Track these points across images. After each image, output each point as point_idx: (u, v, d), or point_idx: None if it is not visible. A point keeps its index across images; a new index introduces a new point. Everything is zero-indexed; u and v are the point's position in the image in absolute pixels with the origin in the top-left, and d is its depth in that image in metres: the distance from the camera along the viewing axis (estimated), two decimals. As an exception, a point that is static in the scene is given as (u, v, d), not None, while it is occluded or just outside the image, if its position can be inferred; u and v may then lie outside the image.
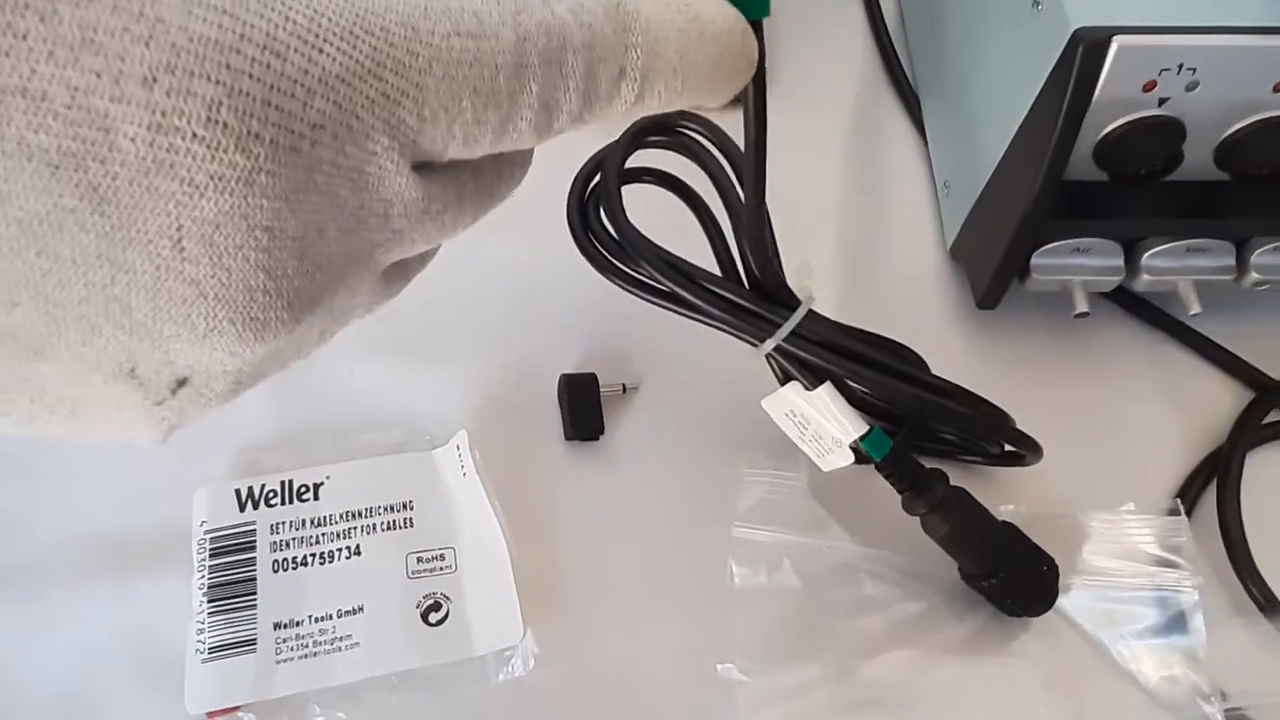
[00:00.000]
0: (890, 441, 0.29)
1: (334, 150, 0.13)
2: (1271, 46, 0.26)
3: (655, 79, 0.17)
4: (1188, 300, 0.32)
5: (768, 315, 0.28)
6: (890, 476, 0.29)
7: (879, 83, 0.43)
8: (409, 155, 0.15)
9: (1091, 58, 0.26)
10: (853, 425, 0.28)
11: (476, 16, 0.14)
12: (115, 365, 0.14)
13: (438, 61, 0.14)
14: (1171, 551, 0.30)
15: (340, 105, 0.13)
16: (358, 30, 0.13)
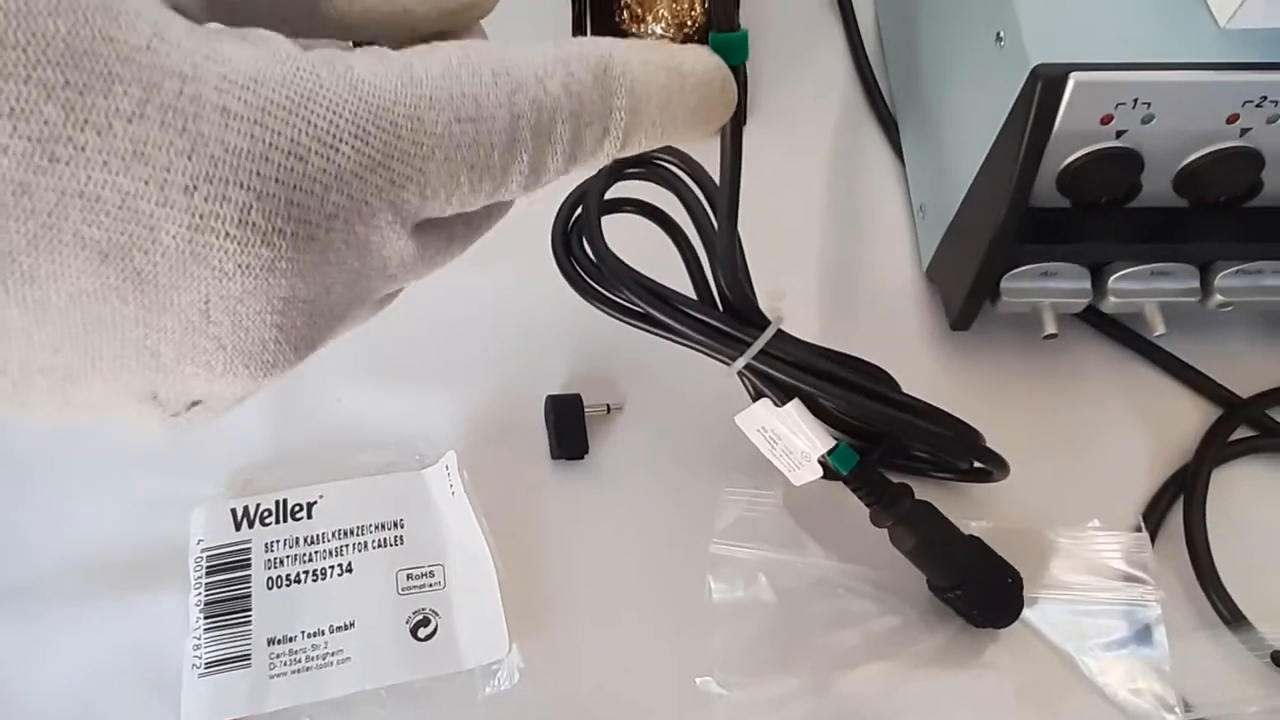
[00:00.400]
0: (856, 456, 0.30)
1: (345, 232, 0.15)
2: (1223, 81, 0.27)
3: (636, 133, 0.18)
4: (1153, 322, 0.33)
5: (739, 335, 0.29)
6: (858, 490, 0.30)
7: (859, 107, 0.44)
8: (409, 224, 0.16)
9: (1050, 93, 0.27)
10: (820, 440, 0.29)
11: (475, 101, 0.16)
12: (140, 392, 0.16)
13: (440, 148, 0.15)
14: (1135, 567, 0.31)
15: (352, 196, 0.15)
16: (370, 127, 0.15)
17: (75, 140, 0.12)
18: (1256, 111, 0.28)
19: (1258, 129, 0.28)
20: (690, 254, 0.31)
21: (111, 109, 0.12)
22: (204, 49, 0.13)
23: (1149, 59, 0.27)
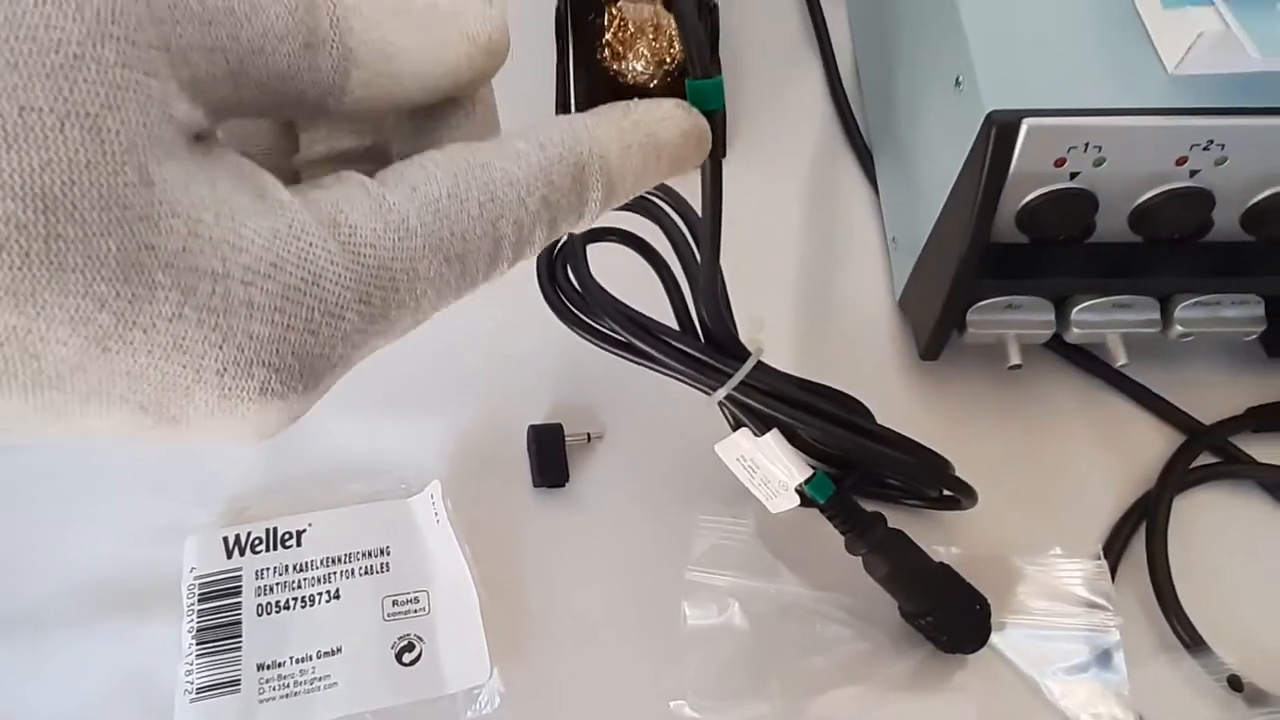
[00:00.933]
0: (832, 485, 0.31)
1: (346, 367, 0.17)
2: (1171, 126, 0.28)
3: (610, 204, 0.20)
4: (1115, 352, 0.34)
5: (719, 366, 0.30)
6: (833, 519, 0.31)
7: (836, 138, 0.45)
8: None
9: (1004, 137, 0.28)
10: (797, 469, 0.30)
11: (463, 238, 0.17)
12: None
13: (432, 288, 0.17)
14: (1096, 594, 0.32)
15: (356, 345, 0.17)
16: (372, 289, 0.16)
17: (124, 338, 0.14)
18: (1204, 154, 0.29)
19: (1206, 170, 0.29)
20: (672, 284, 0.32)
21: (155, 312, 0.14)
22: (230, 236, 0.15)
23: (1099, 104, 0.28)
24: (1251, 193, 0.30)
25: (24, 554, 0.36)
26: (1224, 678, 0.31)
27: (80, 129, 0.13)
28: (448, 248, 0.17)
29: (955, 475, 0.32)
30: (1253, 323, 0.34)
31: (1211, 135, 0.28)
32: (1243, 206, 0.31)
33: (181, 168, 0.15)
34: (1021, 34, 0.30)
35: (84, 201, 0.13)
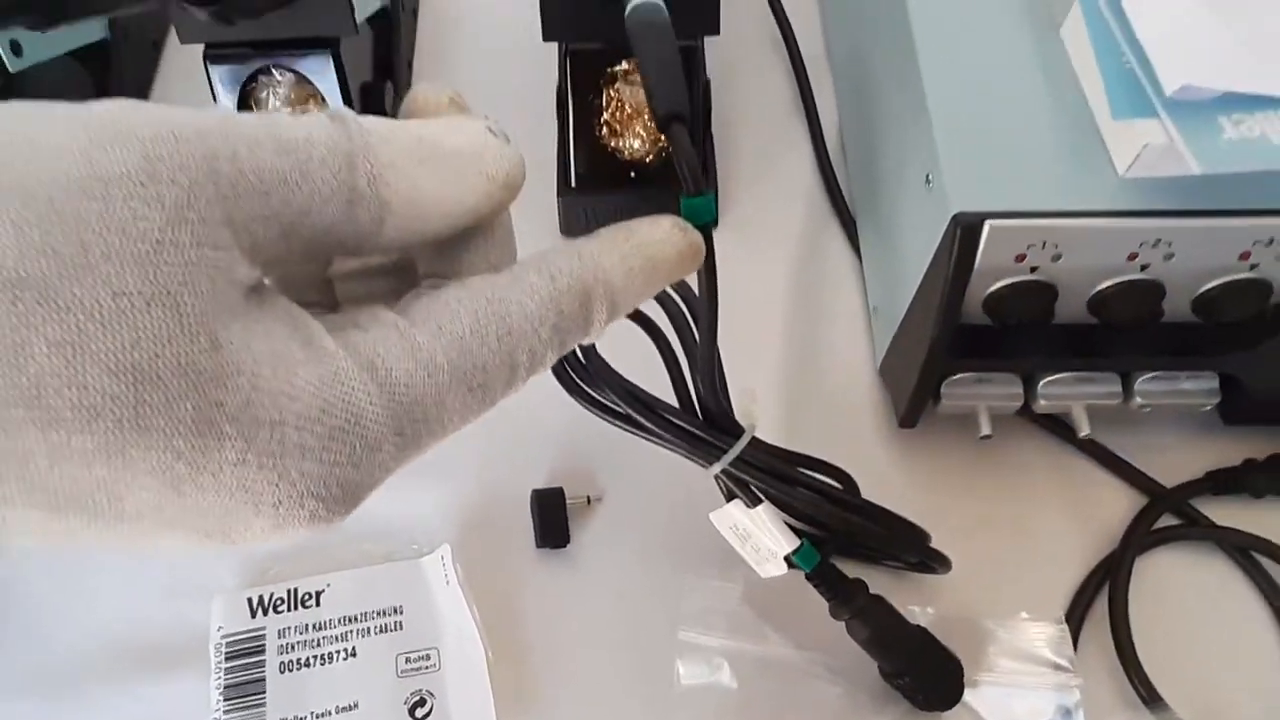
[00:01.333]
0: (818, 555, 0.33)
1: (381, 483, 0.19)
2: (1120, 227, 0.31)
3: (614, 319, 0.22)
4: (1079, 423, 0.37)
5: (715, 442, 0.32)
6: (818, 586, 0.33)
7: (823, 208, 0.48)
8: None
9: (969, 236, 0.31)
10: (786, 540, 0.32)
11: (484, 370, 0.19)
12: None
13: (457, 414, 0.19)
14: (1059, 656, 0.34)
15: (389, 469, 0.19)
16: (406, 424, 0.18)
17: (196, 482, 0.16)
18: (1153, 250, 0.31)
19: (1156, 264, 0.32)
20: (672, 359, 0.33)
21: (222, 459, 0.16)
22: (285, 387, 0.17)
23: (1056, 206, 0.31)
24: (1199, 283, 0.33)
25: (59, 612, 0.39)
26: (1179, 732, 0.33)
27: (163, 308, 0.15)
28: (471, 379, 0.19)
29: (931, 547, 0.35)
30: (1207, 395, 0.37)
31: (1159, 235, 0.31)
32: (1191, 295, 0.33)
33: (243, 326, 0.17)
34: (987, 137, 0.33)
35: (166, 371, 0.15)
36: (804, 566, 0.33)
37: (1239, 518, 0.38)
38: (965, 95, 0.34)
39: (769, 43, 0.53)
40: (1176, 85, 0.29)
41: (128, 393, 0.15)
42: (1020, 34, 0.35)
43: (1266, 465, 0.39)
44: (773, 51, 0.53)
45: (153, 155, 0.15)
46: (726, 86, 0.51)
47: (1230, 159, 0.29)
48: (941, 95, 0.34)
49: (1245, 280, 0.32)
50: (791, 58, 0.52)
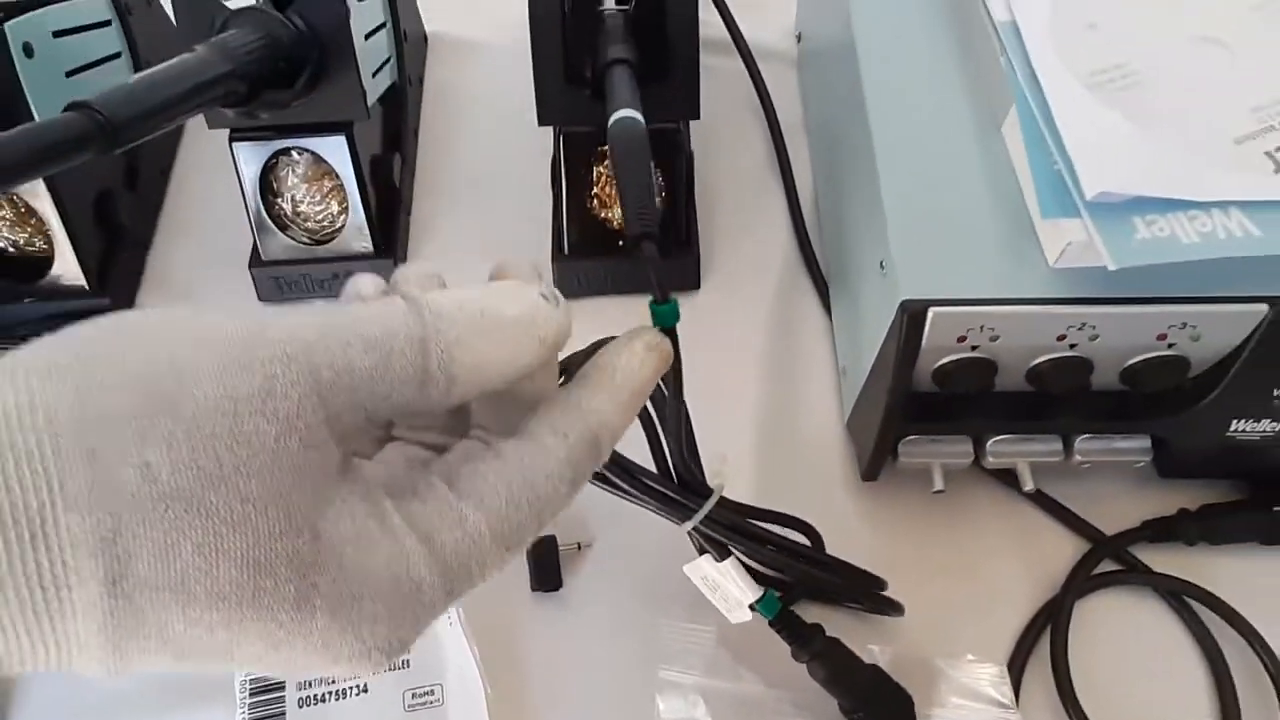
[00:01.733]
0: (779, 605, 0.37)
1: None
2: (1049, 313, 0.34)
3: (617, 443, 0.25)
4: (1024, 479, 0.40)
5: (686, 503, 0.35)
6: (779, 631, 0.37)
7: (798, 270, 0.52)
8: None
9: (915, 321, 0.35)
10: (750, 590, 0.36)
11: (518, 530, 0.22)
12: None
13: (495, 568, 0.22)
14: (1000, 695, 0.38)
15: (438, 618, 0.22)
16: (455, 584, 0.21)
17: (290, 643, 0.19)
18: (1080, 332, 0.35)
19: (1082, 344, 0.35)
20: (650, 428, 0.37)
21: (312, 626, 0.19)
22: (364, 563, 0.20)
23: (994, 294, 0.34)
24: (1123, 359, 0.36)
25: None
26: (1109, 764, 0.37)
27: (277, 509, 0.18)
28: (507, 540, 0.22)
29: (886, 596, 0.39)
30: (1141, 453, 0.40)
31: (1084, 320, 0.34)
32: (1118, 369, 0.37)
33: (335, 511, 0.20)
34: (935, 230, 0.36)
35: (278, 562, 0.18)
36: (766, 614, 0.37)
37: (1173, 564, 0.42)
38: (916, 190, 0.38)
39: (749, 111, 0.58)
40: (1095, 190, 0.33)
41: (248, 581, 0.18)
42: (967, 132, 0.39)
43: (1198, 515, 0.42)
44: (753, 119, 0.57)
45: (270, 375, 0.19)
46: (709, 153, 0.55)
47: (1141, 255, 0.32)
48: (894, 190, 0.38)
49: (1164, 357, 0.36)
50: (770, 126, 0.56)
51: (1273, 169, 0.35)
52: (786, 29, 0.61)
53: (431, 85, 0.61)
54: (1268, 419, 0.38)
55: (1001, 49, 0.39)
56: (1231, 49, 0.39)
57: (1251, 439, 0.39)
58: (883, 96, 0.41)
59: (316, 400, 0.19)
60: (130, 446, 0.17)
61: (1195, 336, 0.35)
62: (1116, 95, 0.37)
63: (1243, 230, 0.33)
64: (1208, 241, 0.33)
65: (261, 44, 0.39)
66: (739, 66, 0.58)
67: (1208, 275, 0.34)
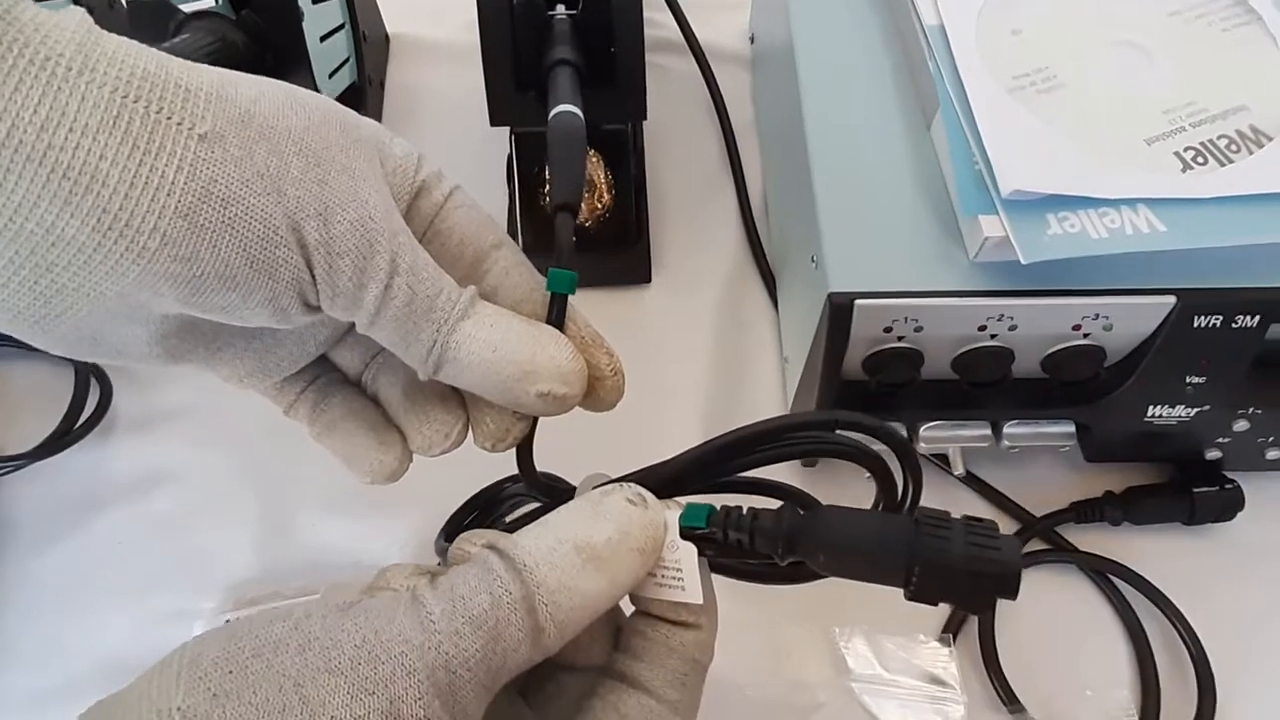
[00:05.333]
0: (707, 506, 0.26)
1: None
2: (969, 305, 0.36)
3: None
4: (954, 464, 0.42)
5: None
6: (737, 540, 0.25)
7: (747, 264, 0.53)
8: None
9: (842, 313, 0.36)
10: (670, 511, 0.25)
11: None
12: None
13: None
14: (948, 676, 0.40)
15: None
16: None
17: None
18: (999, 323, 0.37)
19: (1002, 334, 0.37)
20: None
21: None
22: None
23: (916, 287, 0.36)
24: (1042, 349, 0.38)
25: (61, 638, 0.43)
26: (1031, 732, 0.39)
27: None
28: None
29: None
30: (1066, 438, 0.42)
31: (1002, 311, 0.36)
32: (1038, 358, 0.39)
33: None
34: (863, 225, 0.38)
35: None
36: (698, 523, 0.25)
37: (1098, 544, 0.44)
38: (846, 188, 0.39)
39: (703, 112, 0.59)
40: (1011, 188, 0.35)
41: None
42: (898, 132, 0.41)
43: (1122, 497, 0.45)
44: (706, 119, 0.59)
45: (394, 697, 0.20)
46: (663, 153, 0.57)
47: (1052, 249, 0.34)
48: (826, 188, 0.39)
49: (1080, 347, 0.38)
50: (722, 125, 0.58)
51: (1180, 168, 0.37)
52: (740, 31, 0.63)
53: (393, 86, 0.62)
54: (1181, 405, 0.40)
55: (930, 53, 0.41)
56: (1149, 53, 0.41)
57: (1169, 424, 0.41)
58: (818, 97, 0.43)
59: (439, 707, 0.20)
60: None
61: (1108, 327, 0.37)
62: (1036, 98, 0.39)
63: (1149, 226, 0.35)
64: (1116, 237, 0.35)
65: (215, 47, 0.40)
66: (694, 68, 0.59)
67: (1120, 269, 0.36)
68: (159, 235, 0.20)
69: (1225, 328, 0.36)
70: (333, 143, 0.23)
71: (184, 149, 0.20)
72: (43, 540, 0.46)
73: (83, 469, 0.47)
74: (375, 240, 0.23)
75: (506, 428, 0.28)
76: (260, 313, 0.23)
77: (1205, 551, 0.44)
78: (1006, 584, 0.23)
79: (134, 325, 0.23)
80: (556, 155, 0.33)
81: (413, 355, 0.25)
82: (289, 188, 0.22)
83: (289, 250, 0.22)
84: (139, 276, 0.21)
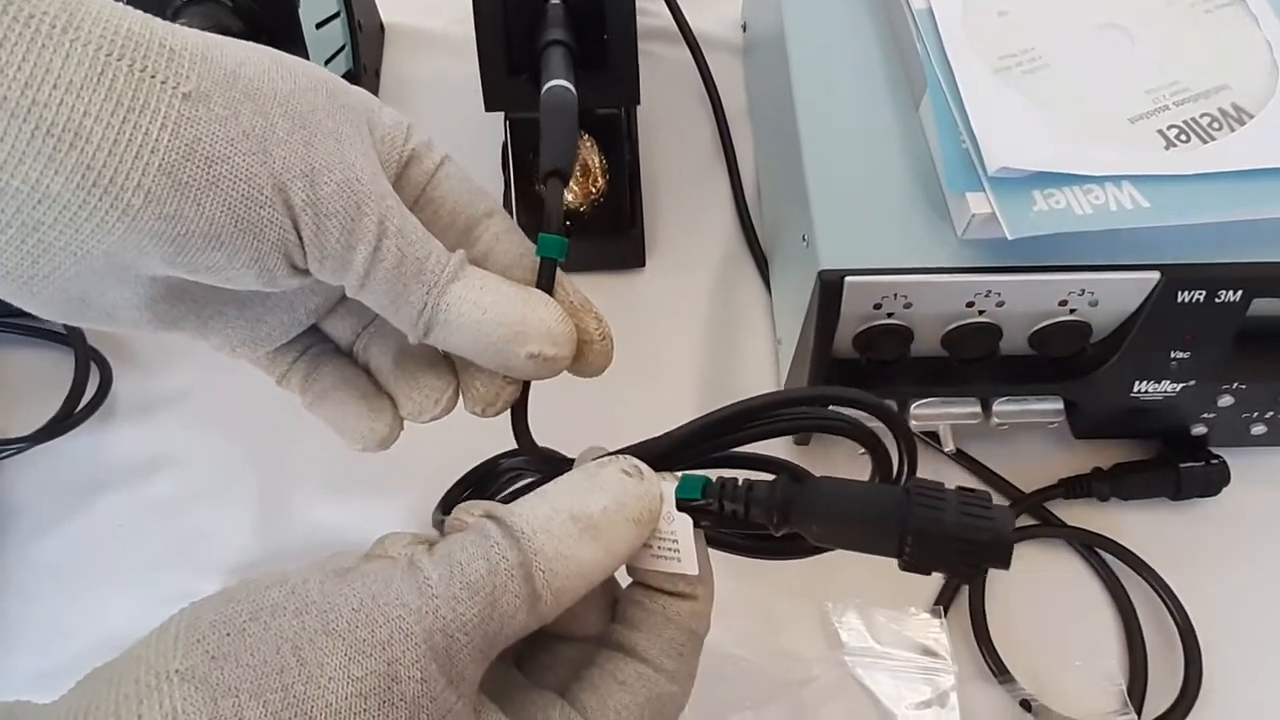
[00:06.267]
0: (702, 478, 0.26)
1: None
2: (956, 281, 0.37)
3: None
4: (945, 440, 0.43)
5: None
6: (733, 511, 0.25)
7: (740, 247, 0.54)
8: None
9: (832, 290, 0.37)
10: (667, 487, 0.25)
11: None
12: None
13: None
14: (939, 648, 0.40)
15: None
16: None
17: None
18: (986, 299, 0.37)
19: (990, 310, 0.38)
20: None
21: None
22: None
23: (905, 264, 0.37)
24: (1030, 325, 0.39)
25: (62, 621, 0.44)
26: (1019, 701, 0.40)
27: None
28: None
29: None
30: (1054, 415, 0.43)
31: (989, 287, 0.37)
32: (1026, 334, 0.39)
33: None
34: (852, 204, 0.39)
35: None
36: (694, 495, 0.25)
37: (1086, 519, 0.45)
38: (836, 167, 0.40)
39: (696, 99, 0.60)
40: (997, 166, 0.36)
41: None
42: (887, 113, 0.42)
43: (1110, 473, 0.45)
44: (700, 106, 0.59)
45: (392, 659, 0.20)
46: (657, 139, 0.57)
47: (1037, 226, 0.35)
48: (816, 167, 0.40)
49: (1067, 322, 0.38)
50: (715, 111, 0.59)
51: (1164, 145, 0.38)
52: (732, 20, 0.63)
53: (389, 75, 0.62)
54: (1167, 380, 0.41)
55: (918, 35, 0.41)
56: (1132, 34, 0.42)
57: (1155, 400, 0.42)
58: (809, 80, 0.43)
59: (436, 670, 0.20)
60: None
61: (1094, 302, 0.38)
62: (1022, 78, 0.40)
63: (1134, 203, 0.36)
64: (1100, 213, 0.36)
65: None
66: (687, 56, 0.60)
67: (1105, 245, 0.37)
68: (143, 192, 0.21)
69: (1209, 302, 0.37)
70: (319, 107, 0.23)
71: (168, 107, 0.21)
72: (44, 523, 0.46)
73: (83, 452, 0.47)
74: (363, 202, 0.23)
75: (496, 391, 0.29)
76: (247, 274, 0.23)
77: (1191, 526, 0.45)
78: (999, 552, 0.23)
79: (123, 287, 0.23)
80: (548, 123, 0.34)
81: (402, 318, 0.25)
82: (275, 148, 0.22)
83: (274, 210, 0.22)
84: (124, 234, 0.21)
